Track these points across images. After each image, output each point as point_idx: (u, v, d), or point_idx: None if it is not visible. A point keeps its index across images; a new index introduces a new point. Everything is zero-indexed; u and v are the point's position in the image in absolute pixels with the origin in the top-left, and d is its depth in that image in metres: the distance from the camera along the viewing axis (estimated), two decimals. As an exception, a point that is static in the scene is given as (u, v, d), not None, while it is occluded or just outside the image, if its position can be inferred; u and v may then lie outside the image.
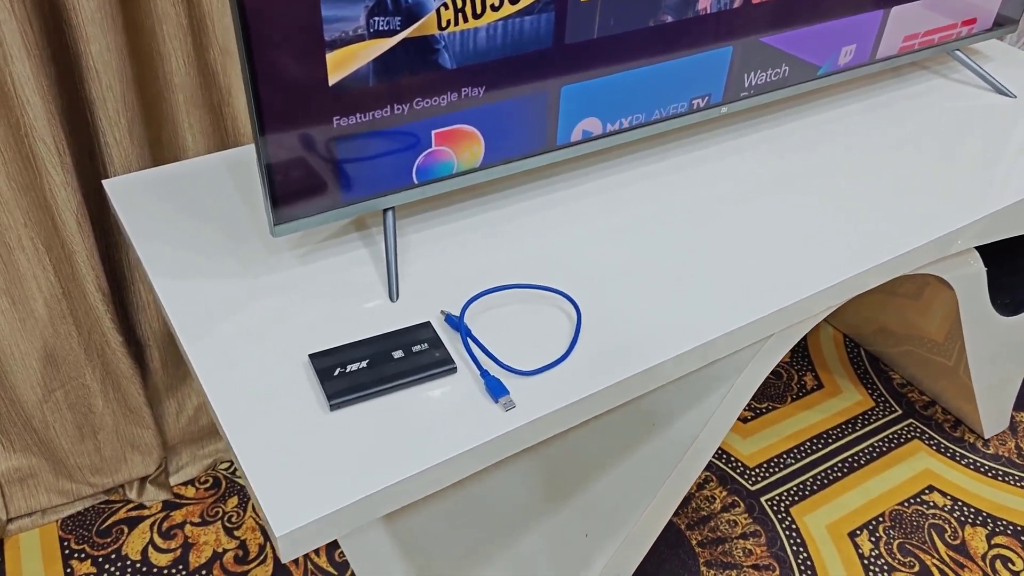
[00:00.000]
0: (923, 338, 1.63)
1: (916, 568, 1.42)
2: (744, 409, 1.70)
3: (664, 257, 0.94)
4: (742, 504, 1.52)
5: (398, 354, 0.79)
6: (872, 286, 0.97)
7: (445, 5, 0.79)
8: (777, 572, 1.41)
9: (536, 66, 0.90)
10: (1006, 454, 1.63)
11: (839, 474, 1.57)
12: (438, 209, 1.01)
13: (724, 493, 1.54)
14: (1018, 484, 1.57)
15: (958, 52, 1.30)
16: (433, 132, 0.87)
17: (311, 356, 0.78)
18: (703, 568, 1.41)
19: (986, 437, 1.66)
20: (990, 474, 1.59)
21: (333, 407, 0.75)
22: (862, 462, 1.60)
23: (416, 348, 0.80)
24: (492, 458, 0.75)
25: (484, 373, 0.78)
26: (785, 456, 1.61)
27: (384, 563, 1.33)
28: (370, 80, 0.80)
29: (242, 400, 0.75)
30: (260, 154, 0.79)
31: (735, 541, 1.46)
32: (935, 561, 1.43)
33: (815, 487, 1.55)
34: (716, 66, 1.04)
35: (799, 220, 1.01)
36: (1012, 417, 1.71)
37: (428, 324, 0.83)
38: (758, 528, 1.48)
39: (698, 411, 0.99)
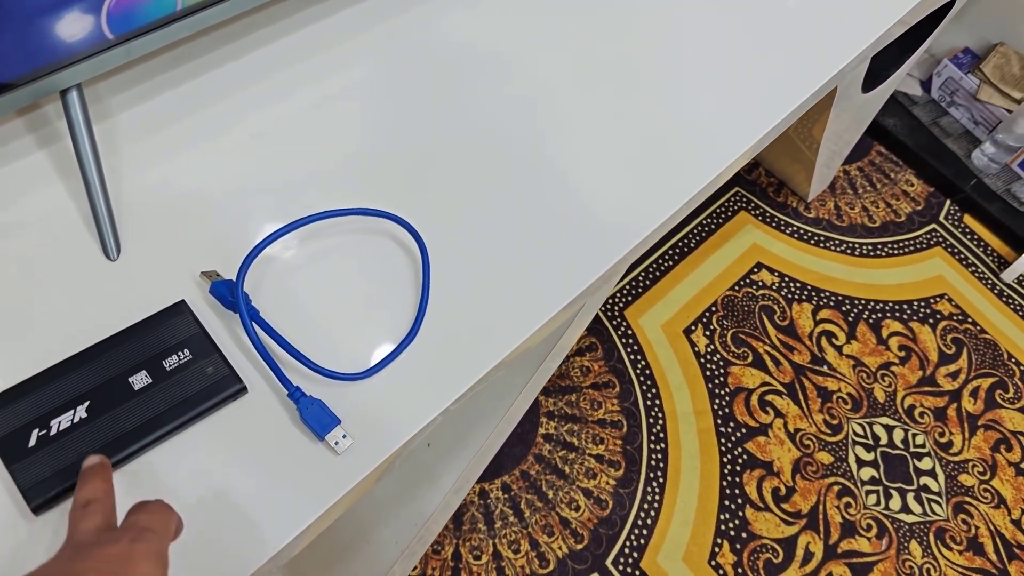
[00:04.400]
0: (757, 102, 1.46)
1: (750, 359, 1.37)
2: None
3: (509, 128, 0.64)
4: (574, 312, 1.36)
5: (140, 380, 0.47)
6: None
7: None
8: (617, 388, 1.31)
9: None
10: (826, 216, 1.58)
11: (671, 262, 1.45)
12: (160, 74, 0.61)
13: (554, 302, 1.37)
14: (837, 249, 1.54)
15: None
16: None
17: (-24, 412, 0.44)
18: (540, 397, 1.28)
19: (809, 200, 1.58)
20: (812, 241, 1.54)
21: (37, 510, 0.43)
22: (693, 244, 1.48)
23: (171, 361, 0.48)
24: (320, 527, 0.49)
25: (296, 394, 0.48)
26: (614, 248, 1.45)
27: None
28: None
29: None
30: None
31: (571, 360, 1.32)
32: (767, 348, 1.39)
33: (648, 282, 1.42)
34: None
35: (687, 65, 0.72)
36: (829, 172, 1.64)
37: (181, 308, 0.50)
38: (594, 341, 1.34)
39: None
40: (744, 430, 1.30)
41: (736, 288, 1.45)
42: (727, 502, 1.24)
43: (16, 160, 0.54)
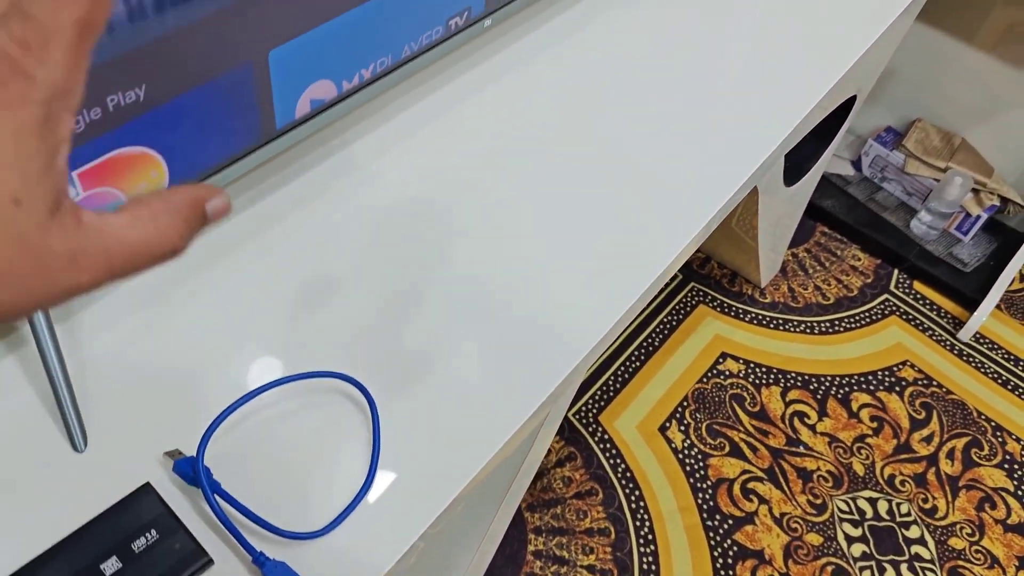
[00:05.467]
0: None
1: (727, 449, 1.40)
2: (529, 310, 1.55)
3: (453, 269, 0.69)
4: (550, 425, 1.39)
5: (110, 566, 0.50)
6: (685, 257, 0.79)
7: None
8: (600, 495, 1.32)
9: (223, 31, 0.56)
10: (781, 299, 1.64)
11: (638, 363, 1.49)
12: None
13: (529, 417, 1.40)
14: (797, 329, 1.59)
15: None
16: (75, 174, 0.53)
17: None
18: (527, 514, 1.29)
19: (763, 286, 1.65)
20: (771, 325, 1.59)
21: None
22: (657, 344, 1.53)
23: (139, 543, 0.51)
24: None
25: (259, 559, 0.51)
26: (581, 356, 1.49)
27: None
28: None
29: None
30: None
31: (552, 472, 1.34)
32: (742, 436, 1.42)
33: (618, 385, 1.46)
34: (473, -32, 0.75)
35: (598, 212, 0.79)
36: (779, 257, 1.71)
37: (147, 490, 0.53)
38: (572, 450, 1.37)
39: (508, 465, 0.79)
40: (731, 521, 1.32)
41: (704, 380, 1.49)
42: (723, 597, 1.24)
43: (-14, 367, 0.59)
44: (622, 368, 1.48)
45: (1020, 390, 1.54)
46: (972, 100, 1.69)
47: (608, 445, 1.38)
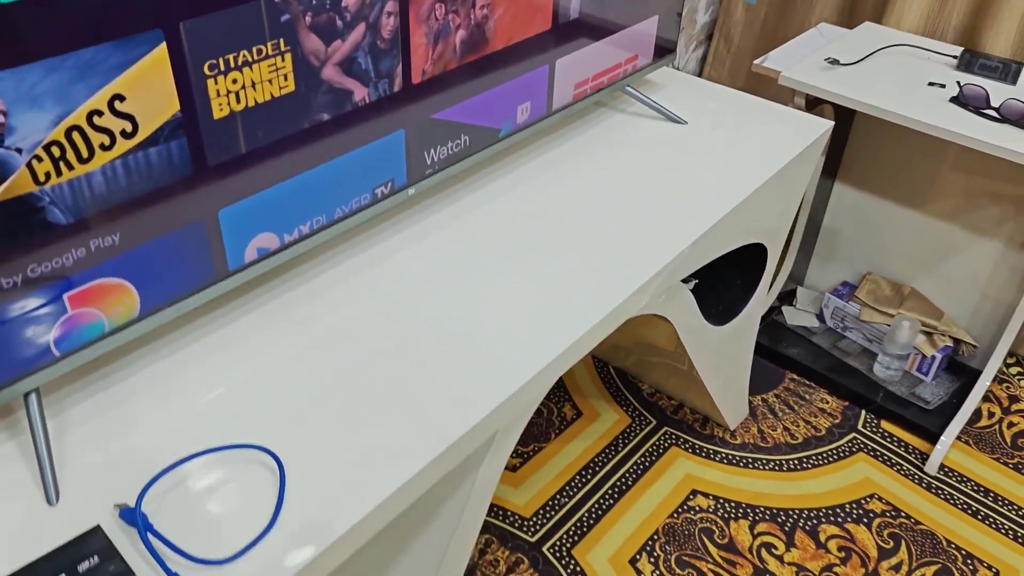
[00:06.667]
0: (657, 349, 1.69)
1: (694, 579, 1.46)
2: (513, 456, 1.68)
3: (368, 374, 0.87)
4: (526, 560, 1.49)
5: (61, 581, 0.65)
6: (586, 352, 0.96)
7: (38, 158, 0.67)
8: (570, 623, 1.39)
9: (180, 196, 0.79)
10: (752, 440, 1.74)
11: (611, 501, 1.59)
12: (100, 369, 0.86)
13: (507, 553, 1.50)
14: (766, 467, 1.68)
15: (629, 88, 1.35)
16: (65, 296, 0.74)
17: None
18: (498, 642, 1.37)
19: (731, 428, 1.76)
20: (741, 464, 1.68)
21: None
22: (630, 483, 1.63)
23: (83, 567, 0.66)
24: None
25: (173, 577, 0.66)
26: (559, 496, 1.60)
27: None
28: (-43, 261, 0.65)
29: None
30: None
31: (524, 602, 1.42)
32: (710, 566, 1.49)
33: (591, 521, 1.56)
34: (392, 151, 0.98)
35: (499, 304, 0.98)
36: (750, 402, 1.83)
37: (97, 530, 0.70)
38: (544, 582, 1.45)
39: (440, 523, 0.93)
40: (696, 648, 1.36)
41: (675, 515, 1.57)
42: None
43: (-5, 449, 0.77)
44: (595, 506, 1.58)
45: (991, 520, 1.58)
46: (915, 252, 1.86)
47: (579, 577, 1.46)
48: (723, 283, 1.49)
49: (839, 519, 1.58)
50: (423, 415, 0.82)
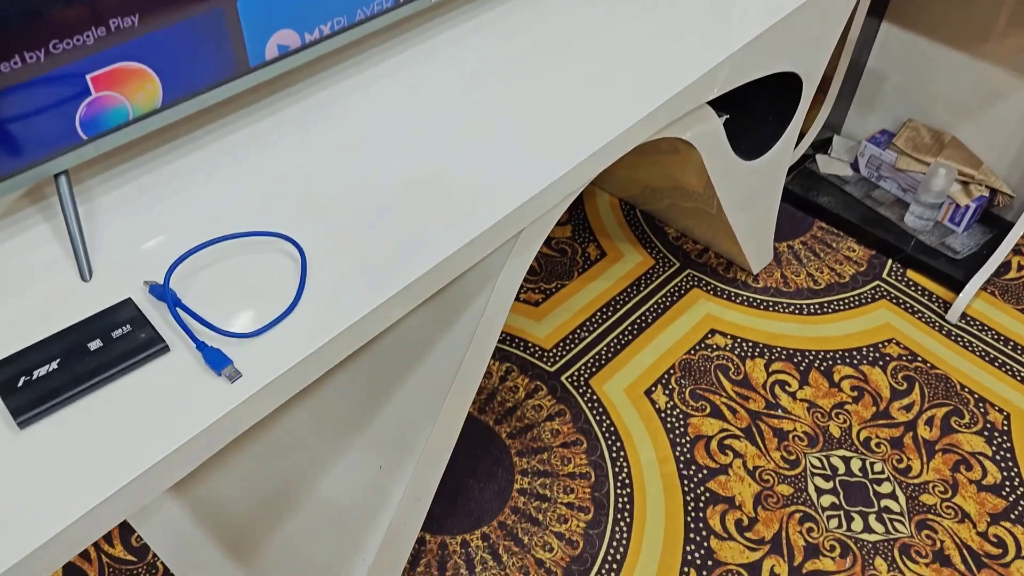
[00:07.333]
0: (685, 191, 1.68)
1: (707, 410, 1.51)
2: (535, 292, 1.71)
3: (393, 173, 0.88)
4: (545, 387, 1.54)
5: (95, 345, 0.69)
6: (610, 162, 0.95)
7: (52, -78, 0.65)
8: (584, 445, 1.45)
9: (198, -20, 0.77)
10: (774, 284, 1.75)
11: (630, 337, 1.63)
12: (127, 162, 0.88)
13: (526, 380, 1.55)
14: (786, 311, 1.69)
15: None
16: (88, 77, 0.74)
17: (-13, 369, 0.67)
18: (516, 458, 1.43)
19: (755, 273, 1.76)
20: (762, 307, 1.70)
21: (22, 424, 0.64)
22: (649, 320, 1.66)
23: (116, 333, 0.70)
24: (228, 436, 0.68)
25: (200, 345, 0.69)
26: (579, 331, 1.64)
27: (185, 536, 1.24)
28: (-21, 28, 0.65)
29: (-94, 440, 0.63)
30: None
31: (542, 425, 1.48)
32: (723, 400, 1.53)
33: (610, 355, 1.59)
34: (416, -49, 0.95)
35: (523, 113, 0.96)
36: (775, 248, 1.82)
37: (129, 302, 0.73)
38: (563, 407, 1.51)
39: (463, 324, 0.95)
40: (705, 471, 1.42)
41: (692, 352, 1.60)
42: (692, 535, 1.34)
43: (28, 229, 0.80)
44: (614, 340, 1.62)
45: (1008, 367, 1.59)
46: (960, 98, 1.79)
47: (596, 404, 1.51)
48: (755, 120, 1.46)
49: (855, 361, 1.60)
50: (448, 212, 0.83)
